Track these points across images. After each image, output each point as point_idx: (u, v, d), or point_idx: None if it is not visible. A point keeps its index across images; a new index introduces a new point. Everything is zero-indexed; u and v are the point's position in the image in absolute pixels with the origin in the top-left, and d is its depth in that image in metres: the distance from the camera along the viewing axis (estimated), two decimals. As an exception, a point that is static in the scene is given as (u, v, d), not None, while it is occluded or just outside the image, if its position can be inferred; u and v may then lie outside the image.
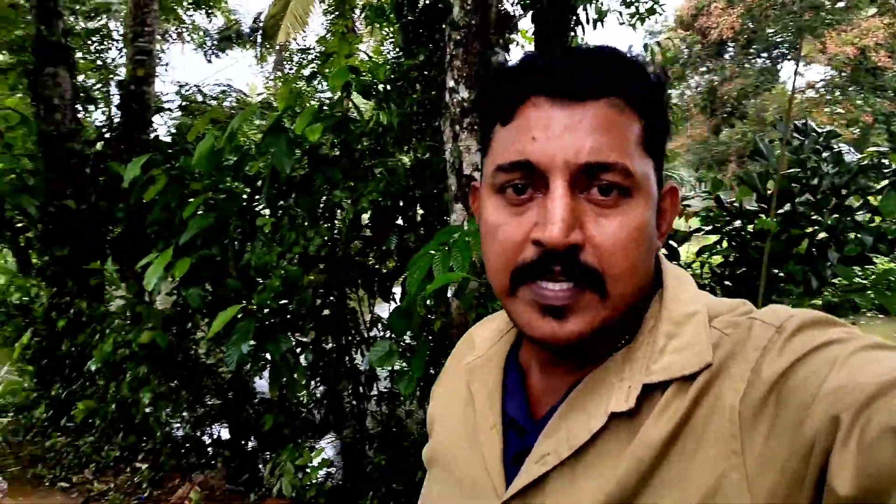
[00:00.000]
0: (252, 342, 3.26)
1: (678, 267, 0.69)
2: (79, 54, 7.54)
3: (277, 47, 12.85)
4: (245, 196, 4.11)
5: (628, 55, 0.63)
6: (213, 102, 7.87)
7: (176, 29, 12.70)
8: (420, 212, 4.10)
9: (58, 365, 4.94)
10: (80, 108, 6.14)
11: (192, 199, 3.85)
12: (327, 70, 4.87)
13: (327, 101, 4.25)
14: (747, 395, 0.55)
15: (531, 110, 0.60)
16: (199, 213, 3.78)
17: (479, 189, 0.69)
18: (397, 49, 4.74)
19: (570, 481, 0.61)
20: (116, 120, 6.01)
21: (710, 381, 0.57)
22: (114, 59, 8.88)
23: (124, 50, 7.09)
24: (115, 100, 6.87)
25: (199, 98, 7.79)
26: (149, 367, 3.74)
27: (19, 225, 4.82)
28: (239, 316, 3.32)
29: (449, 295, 3.23)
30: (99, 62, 8.30)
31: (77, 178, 5.11)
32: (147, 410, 4.03)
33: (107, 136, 5.83)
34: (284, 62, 13.36)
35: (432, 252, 2.73)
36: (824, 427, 0.49)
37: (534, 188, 0.61)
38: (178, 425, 4.49)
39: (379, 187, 3.66)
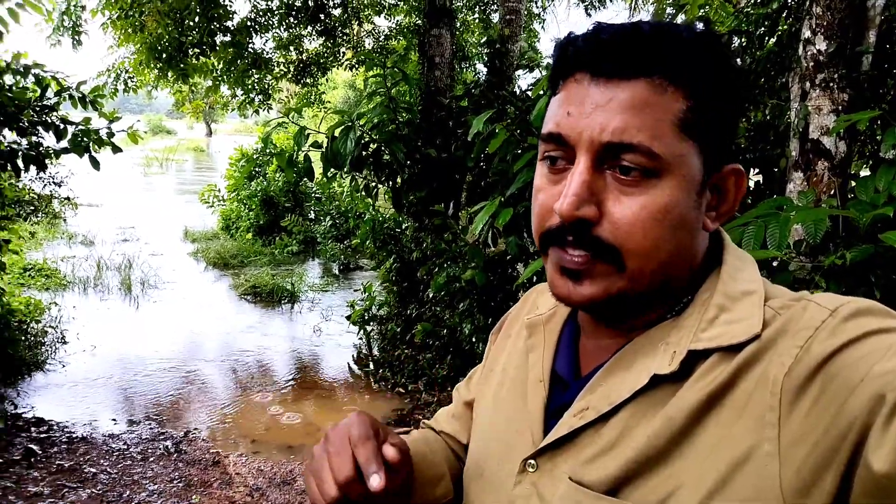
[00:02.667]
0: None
1: (742, 250, 0.69)
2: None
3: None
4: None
5: (683, 32, 0.59)
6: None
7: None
8: (757, 178, 3.73)
9: (414, 288, 5.80)
10: (457, 66, 6.93)
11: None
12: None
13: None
14: (793, 370, 0.55)
15: (572, 85, 0.63)
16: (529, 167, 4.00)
17: None
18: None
19: (603, 437, 0.63)
20: (482, 76, 6.63)
21: (756, 354, 0.58)
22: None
23: (498, 10, 7.69)
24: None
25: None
26: (471, 302, 4.17)
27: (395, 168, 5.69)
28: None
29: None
30: (481, 23, 9.18)
31: (443, 129, 5.81)
32: (472, 340, 4.52)
33: (473, 91, 6.47)
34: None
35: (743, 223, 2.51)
36: (867, 405, 0.48)
37: (567, 160, 0.63)
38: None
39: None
